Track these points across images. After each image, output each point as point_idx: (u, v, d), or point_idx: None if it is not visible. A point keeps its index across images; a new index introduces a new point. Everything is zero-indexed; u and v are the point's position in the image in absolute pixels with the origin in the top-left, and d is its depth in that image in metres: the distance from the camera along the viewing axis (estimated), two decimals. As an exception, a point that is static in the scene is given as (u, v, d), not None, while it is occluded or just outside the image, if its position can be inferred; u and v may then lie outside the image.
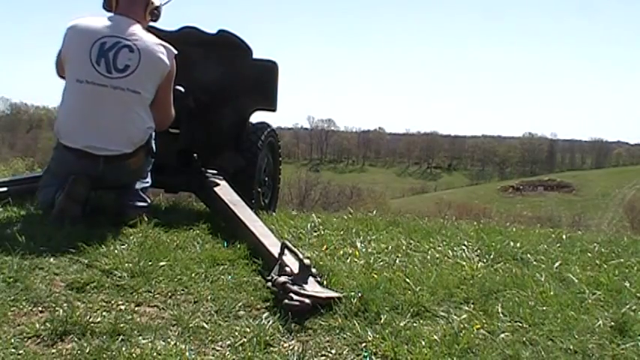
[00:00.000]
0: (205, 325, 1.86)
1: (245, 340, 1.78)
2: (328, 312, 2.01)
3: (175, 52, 3.04)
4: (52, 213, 2.77)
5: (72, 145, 2.89)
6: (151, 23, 3.30)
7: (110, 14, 3.08)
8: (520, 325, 2.04)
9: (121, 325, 1.79)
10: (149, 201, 3.13)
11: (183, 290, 2.15)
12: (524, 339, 1.93)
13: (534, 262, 2.85)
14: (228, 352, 1.72)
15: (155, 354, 1.65)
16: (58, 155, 2.99)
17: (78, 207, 2.77)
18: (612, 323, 2.08)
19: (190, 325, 1.85)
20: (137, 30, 3.00)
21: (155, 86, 2.99)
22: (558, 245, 3.34)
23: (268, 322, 1.91)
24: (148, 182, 3.15)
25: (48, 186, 2.95)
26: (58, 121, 3.01)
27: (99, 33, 2.94)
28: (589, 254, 3.15)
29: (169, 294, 2.10)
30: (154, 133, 3.07)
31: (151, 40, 3.00)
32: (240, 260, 2.50)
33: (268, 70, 3.71)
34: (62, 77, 3.07)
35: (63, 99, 2.99)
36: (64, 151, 2.93)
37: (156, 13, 3.19)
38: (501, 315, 2.10)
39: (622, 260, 3.04)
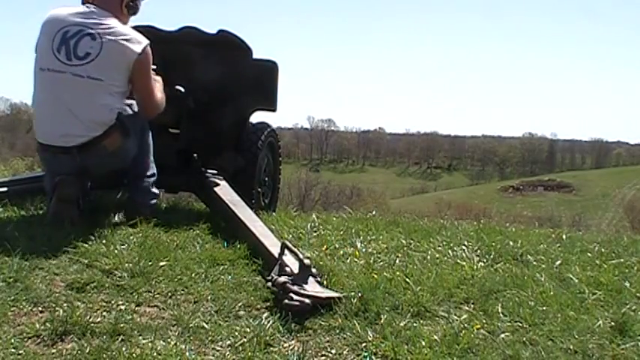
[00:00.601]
0: (205, 325, 1.86)
1: (245, 340, 1.78)
2: (328, 312, 2.01)
3: (147, 41, 2.96)
4: (47, 217, 2.76)
5: (45, 142, 2.90)
6: (148, 22, 3.30)
7: (83, 6, 3.03)
8: (520, 325, 2.04)
9: (121, 325, 1.79)
10: (158, 193, 3.19)
11: (183, 290, 2.15)
12: (524, 339, 1.93)
13: (534, 262, 2.85)
14: (228, 352, 1.72)
15: (155, 354, 1.65)
16: (40, 156, 3.03)
17: (72, 207, 2.76)
18: (612, 323, 2.08)
19: (190, 325, 1.85)
20: (106, 20, 2.93)
21: (123, 75, 2.92)
22: (558, 245, 3.34)
23: (268, 322, 1.91)
24: (154, 175, 3.15)
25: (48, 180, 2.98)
26: (34, 117, 3.01)
27: (63, 22, 2.92)
28: (589, 254, 3.15)
29: (169, 294, 2.10)
30: (131, 114, 2.97)
31: (118, 29, 2.92)
32: (240, 260, 2.50)
33: (268, 70, 3.71)
34: None
35: (32, 93, 2.98)
36: (42, 151, 2.95)
37: (132, 6, 3.10)
38: (501, 315, 2.10)
39: (622, 260, 3.04)
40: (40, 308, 1.90)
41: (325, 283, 2.25)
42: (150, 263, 2.29)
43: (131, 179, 3.15)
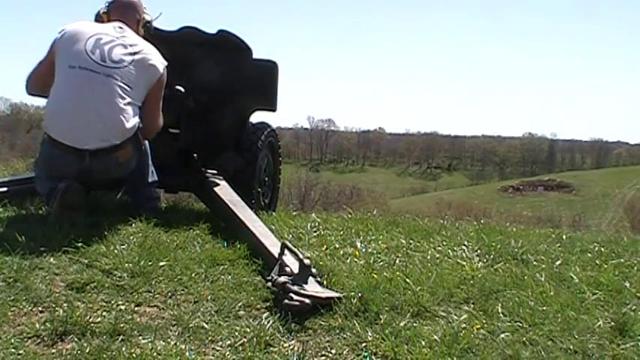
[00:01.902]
0: (205, 325, 1.86)
1: (245, 340, 1.78)
2: (328, 312, 2.01)
3: (166, 62, 3.05)
4: (49, 220, 2.75)
5: (58, 139, 2.84)
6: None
7: (115, 22, 3.12)
8: (520, 325, 2.04)
9: (121, 325, 1.79)
10: (160, 197, 3.25)
11: (183, 290, 2.14)
12: (524, 339, 1.93)
13: (534, 262, 2.85)
14: (228, 352, 1.72)
15: (155, 354, 1.65)
16: (45, 150, 2.94)
17: (74, 214, 2.75)
18: (612, 323, 2.08)
19: (190, 325, 1.85)
20: (134, 36, 3.05)
21: (144, 91, 2.98)
22: (558, 245, 3.34)
23: (268, 322, 1.91)
24: (155, 182, 3.19)
25: (42, 178, 2.97)
26: (47, 111, 2.97)
27: (94, 31, 2.98)
28: (589, 254, 3.15)
29: (169, 294, 2.10)
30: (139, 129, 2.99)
31: (145, 47, 3.03)
32: (240, 260, 2.50)
33: (268, 70, 3.71)
34: (32, 94, 3.11)
35: (52, 90, 2.94)
36: (50, 147, 2.88)
37: (148, 27, 3.24)
38: (501, 315, 2.10)
39: (622, 260, 3.04)
40: (40, 308, 1.90)
41: (325, 283, 2.25)
42: (150, 263, 2.29)
43: (133, 189, 3.18)
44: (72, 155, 2.83)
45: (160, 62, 3.02)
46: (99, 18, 3.18)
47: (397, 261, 2.66)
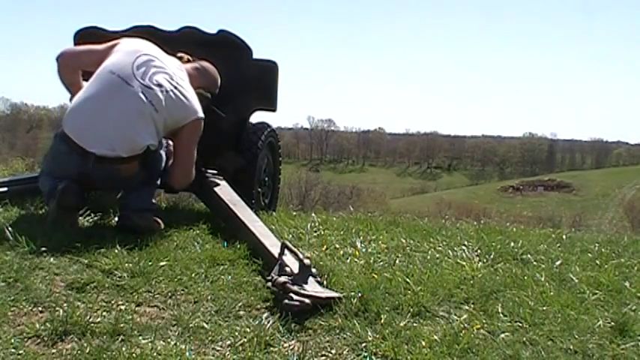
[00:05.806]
0: (205, 325, 1.86)
1: (245, 340, 1.78)
2: (328, 312, 2.01)
3: (203, 115, 3.06)
4: (47, 221, 2.74)
5: (69, 134, 2.82)
6: (151, 23, 3.32)
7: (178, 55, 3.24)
8: (520, 325, 2.04)
9: (121, 325, 1.78)
10: (156, 206, 3.13)
11: (183, 290, 2.14)
12: (524, 339, 1.93)
13: (534, 262, 2.86)
14: (228, 352, 1.72)
15: (155, 354, 1.65)
16: (55, 144, 2.93)
17: (73, 215, 2.74)
18: (612, 323, 2.08)
19: (190, 325, 1.85)
20: (186, 77, 3.11)
21: (172, 123, 2.97)
22: (558, 245, 3.34)
23: (268, 322, 1.91)
24: (155, 206, 3.13)
25: (45, 174, 2.95)
26: (70, 106, 2.96)
27: (151, 53, 3.05)
28: (589, 254, 3.15)
29: (169, 294, 2.10)
30: (156, 152, 2.96)
31: (191, 89, 3.07)
32: (240, 260, 2.50)
33: (268, 70, 3.71)
34: (61, 71, 3.07)
35: (84, 87, 2.98)
36: (60, 141, 2.87)
37: (204, 95, 3.27)
38: (501, 315, 2.10)
39: (622, 260, 3.04)
40: (40, 308, 1.89)
41: (325, 283, 2.25)
42: (150, 263, 2.29)
43: (131, 208, 2.98)
44: (77, 155, 2.79)
45: (197, 106, 3.04)
46: (180, 59, 3.25)
47: (397, 261, 2.66)
